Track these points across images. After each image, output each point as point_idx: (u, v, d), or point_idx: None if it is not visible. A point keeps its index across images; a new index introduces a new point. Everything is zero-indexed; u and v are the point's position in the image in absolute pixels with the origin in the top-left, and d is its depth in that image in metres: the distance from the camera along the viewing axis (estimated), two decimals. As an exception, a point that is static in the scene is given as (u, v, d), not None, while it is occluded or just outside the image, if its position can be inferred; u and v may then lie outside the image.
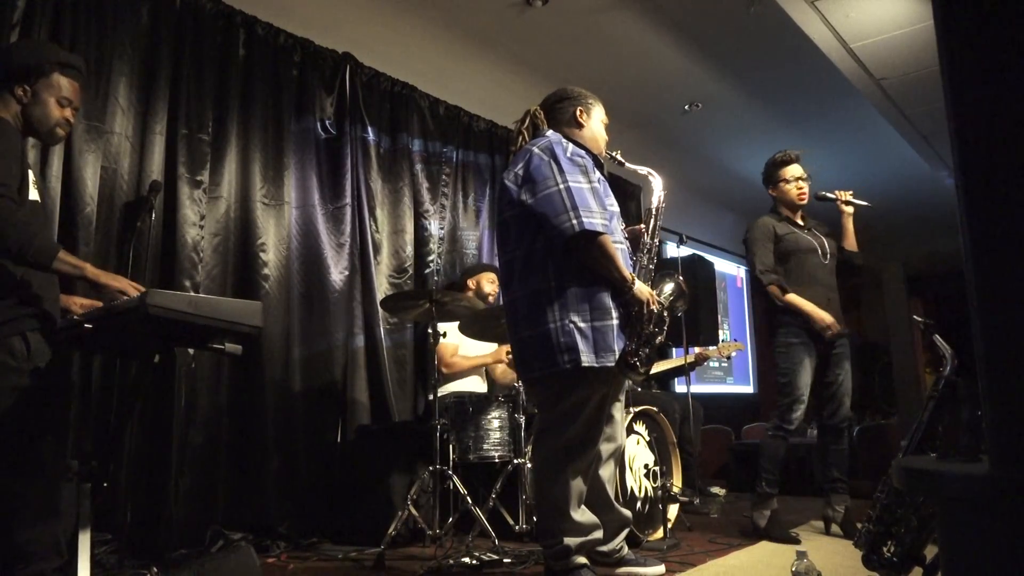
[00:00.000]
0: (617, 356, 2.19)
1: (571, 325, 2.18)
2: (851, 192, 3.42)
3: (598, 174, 2.37)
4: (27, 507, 1.78)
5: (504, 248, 2.37)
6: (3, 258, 1.79)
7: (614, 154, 2.54)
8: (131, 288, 1.93)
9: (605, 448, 2.41)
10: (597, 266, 2.21)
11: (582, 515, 2.27)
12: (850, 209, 3.40)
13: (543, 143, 2.31)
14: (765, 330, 8.74)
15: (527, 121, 2.47)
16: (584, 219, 2.14)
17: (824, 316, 3.13)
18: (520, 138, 2.44)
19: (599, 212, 2.21)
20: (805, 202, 3.39)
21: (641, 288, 2.26)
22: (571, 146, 2.32)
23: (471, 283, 3.93)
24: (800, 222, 3.40)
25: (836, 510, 3.23)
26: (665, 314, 2.33)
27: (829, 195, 3.40)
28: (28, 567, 1.75)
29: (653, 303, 2.26)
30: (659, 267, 2.48)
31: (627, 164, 2.55)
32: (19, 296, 1.83)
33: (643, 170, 2.55)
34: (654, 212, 2.51)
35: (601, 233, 2.18)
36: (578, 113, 2.46)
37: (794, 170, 3.41)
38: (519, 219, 2.28)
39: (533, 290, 2.24)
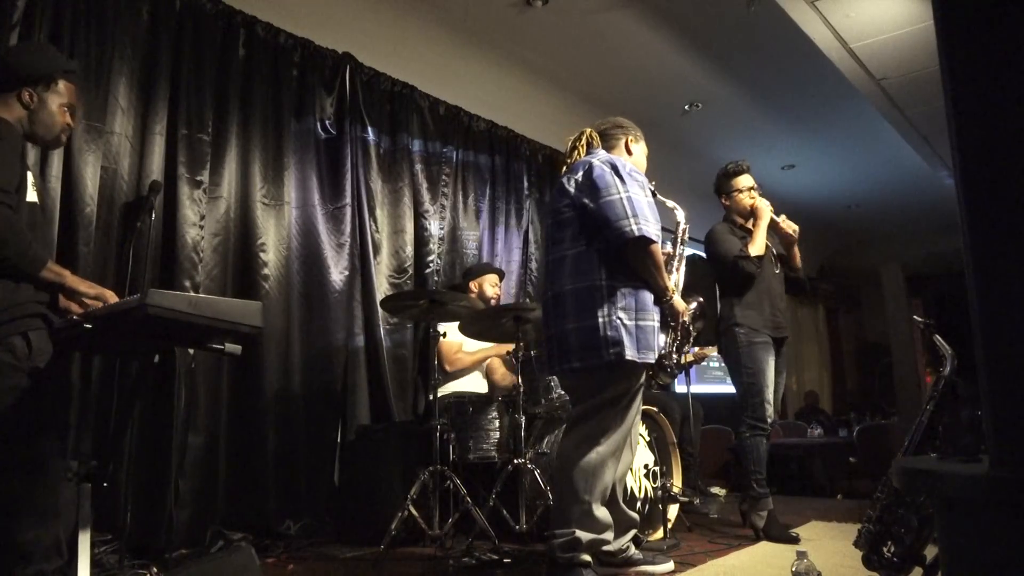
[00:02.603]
0: (656, 355, 2.34)
1: (618, 320, 2.31)
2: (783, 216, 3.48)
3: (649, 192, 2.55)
4: (28, 507, 1.78)
5: (558, 245, 2.49)
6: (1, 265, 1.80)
7: (652, 186, 2.70)
8: (108, 295, 1.97)
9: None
10: (645, 271, 2.37)
11: (601, 511, 2.32)
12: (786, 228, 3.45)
13: (603, 156, 2.48)
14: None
15: (583, 139, 2.63)
16: (642, 226, 2.31)
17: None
18: (575, 152, 2.60)
19: (654, 223, 2.38)
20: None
21: (678, 300, 2.44)
22: (629, 163, 2.51)
23: (474, 285, 3.93)
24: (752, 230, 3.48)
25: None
26: (691, 328, 2.50)
27: (783, 225, 3.45)
28: (29, 567, 1.75)
29: (685, 315, 2.43)
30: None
31: (658, 196, 2.68)
32: (20, 296, 1.83)
33: (669, 203, 2.69)
34: (679, 239, 2.69)
35: (654, 241, 2.35)
36: (629, 140, 2.67)
37: (746, 180, 3.50)
38: (577, 220, 2.42)
39: (585, 286, 2.36)
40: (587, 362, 2.32)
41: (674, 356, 2.42)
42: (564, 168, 2.59)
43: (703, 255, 5.77)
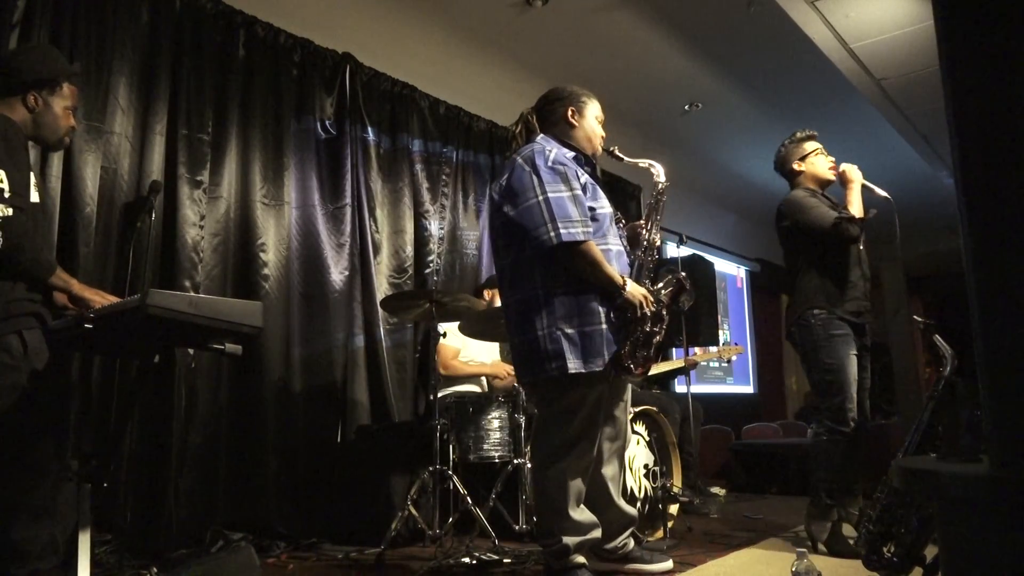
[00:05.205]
0: (608, 359, 2.17)
1: (559, 332, 2.17)
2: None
3: (585, 178, 2.33)
4: (24, 506, 1.78)
5: (497, 256, 2.42)
6: (13, 270, 1.82)
7: (612, 149, 2.52)
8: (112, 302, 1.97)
9: (608, 447, 2.42)
10: (584, 274, 2.20)
11: (580, 514, 2.28)
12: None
13: (526, 152, 2.30)
14: (766, 330, 8.77)
15: (520, 125, 2.47)
16: (562, 230, 2.14)
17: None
18: (514, 143, 2.45)
19: (580, 220, 2.19)
20: (834, 179, 3.09)
21: (633, 290, 2.22)
22: (554, 152, 2.30)
23: (487, 294, 3.93)
24: (831, 201, 3.06)
25: (849, 512, 3.13)
26: (664, 312, 2.32)
27: (879, 191, 3.04)
28: (24, 566, 1.75)
29: (647, 304, 2.22)
30: (660, 265, 2.46)
31: (626, 159, 2.53)
32: (15, 294, 1.83)
33: (643, 163, 2.53)
34: (654, 203, 2.50)
35: (581, 242, 2.17)
36: (569, 113, 2.45)
37: (817, 144, 3.16)
38: (505, 229, 2.30)
39: (522, 298, 2.26)
40: (534, 377, 2.25)
41: (640, 352, 2.21)
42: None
43: (704, 255, 5.74)
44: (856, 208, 2.93)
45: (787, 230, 3.05)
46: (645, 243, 2.43)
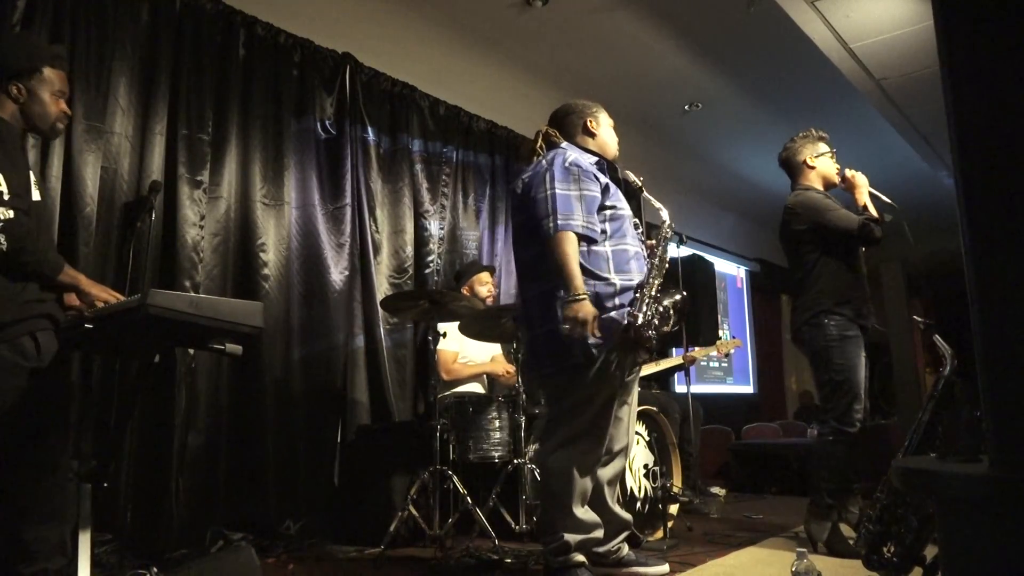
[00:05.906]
0: (623, 326, 2.20)
1: None
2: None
3: (604, 180, 2.43)
4: (36, 507, 1.78)
5: (517, 250, 2.51)
6: (20, 271, 1.82)
7: (640, 182, 2.63)
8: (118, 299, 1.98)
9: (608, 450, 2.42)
10: (556, 262, 2.23)
11: (584, 513, 2.30)
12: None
13: (550, 155, 2.43)
14: (766, 330, 8.78)
15: (539, 141, 2.56)
16: (560, 222, 2.25)
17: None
18: (534, 156, 2.53)
19: (580, 216, 2.29)
20: (839, 183, 3.13)
21: (583, 307, 2.16)
22: (572, 156, 2.41)
23: (465, 289, 3.92)
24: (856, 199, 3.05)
25: (850, 511, 3.13)
26: (671, 312, 2.37)
27: (884, 198, 3.06)
28: (32, 566, 1.75)
29: (588, 327, 2.15)
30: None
31: (645, 192, 2.63)
32: (27, 295, 1.83)
33: (655, 203, 2.61)
34: (662, 238, 2.53)
35: (565, 231, 2.24)
36: (589, 123, 2.59)
37: (830, 147, 3.18)
38: (526, 224, 2.39)
39: (544, 289, 2.33)
40: (558, 365, 2.28)
41: (650, 318, 2.22)
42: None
43: (704, 255, 5.74)
44: (873, 211, 2.98)
45: (801, 232, 3.02)
46: (656, 259, 2.47)
